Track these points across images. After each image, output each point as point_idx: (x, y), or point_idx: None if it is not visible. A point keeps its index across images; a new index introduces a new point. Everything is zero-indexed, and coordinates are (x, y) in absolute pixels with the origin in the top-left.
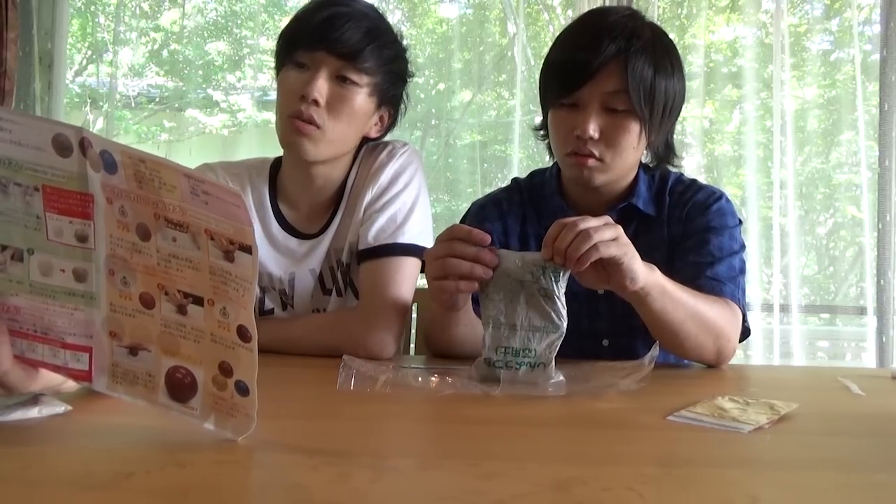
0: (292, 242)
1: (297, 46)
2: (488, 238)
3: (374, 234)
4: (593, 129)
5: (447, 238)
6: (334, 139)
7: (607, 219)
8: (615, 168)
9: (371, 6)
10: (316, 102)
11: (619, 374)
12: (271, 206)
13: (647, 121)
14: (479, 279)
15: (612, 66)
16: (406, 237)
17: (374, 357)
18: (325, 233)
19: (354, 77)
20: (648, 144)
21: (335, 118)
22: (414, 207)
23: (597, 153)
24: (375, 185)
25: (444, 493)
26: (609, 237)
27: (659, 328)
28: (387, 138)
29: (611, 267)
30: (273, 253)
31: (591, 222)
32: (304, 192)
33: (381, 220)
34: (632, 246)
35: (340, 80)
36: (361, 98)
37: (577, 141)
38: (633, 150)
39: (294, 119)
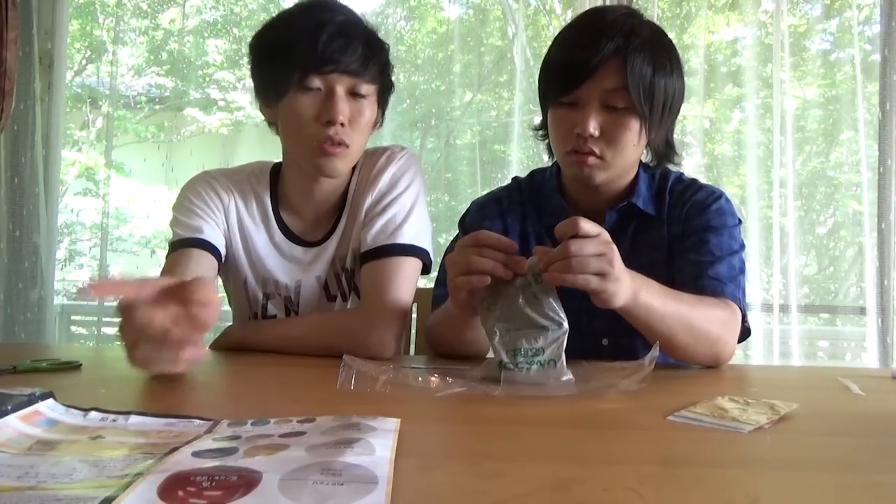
0: (297, 251)
1: (305, 70)
2: (516, 247)
3: (373, 235)
4: (593, 128)
5: (473, 243)
6: (356, 152)
7: (607, 249)
8: (616, 166)
9: (351, 10)
10: (342, 124)
11: (620, 374)
12: (274, 214)
13: (647, 118)
14: (499, 277)
15: (611, 64)
16: (405, 238)
17: (375, 356)
18: (330, 239)
19: (364, 90)
20: (648, 143)
21: (357, 132)
22: (413, 209)
23: (597, 151)
24: (375, 190)
25: (444, 493)
26: (593, 270)
27: (648, 337)
28: (386, 143)
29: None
30: (280, 261)
31: (586, 248)
32: (310, 201)
33: (381, 222)
34: (619, 282)
35: (353, 95)
36: (370, 107)
37: (577, 139)
38: (633, 147)
39: (324, 144)
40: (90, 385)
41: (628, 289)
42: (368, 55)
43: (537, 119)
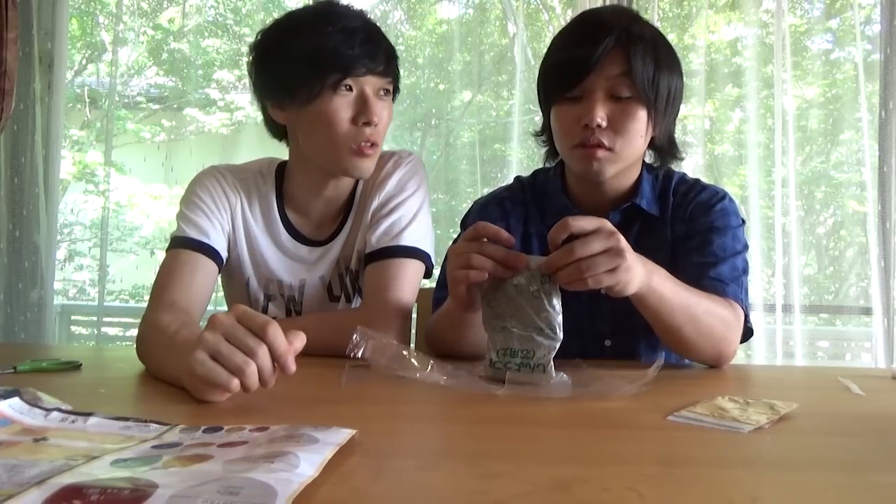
0: (303, 250)
1: (343, 74)
2: (513, 240)
3: (377, 237)
4: (601, 118)
5: (474, 237)
6: (380, 152)
7: (613, 241)
8: (624, 157)
9: (362, 12)
10: (376, 125)
11: (622, 381)
12: (279, 213)
13: (652, 105)
14: (499, 277)
15: (613, 55)
16: (408, 240)
17: None
18: (335, 240)
19: (389, 88)
20: (653, 138)
21: (383, 132)
22: (417, 214)
23: (606, 142)
24: (382, 193)
25: (444, 493)
26: (605, 268)
27: (656, 328)
28: (385, 144)
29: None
30: (284, 260)
31: (591, 246)
32: (317, 201)
33: (385, 224)
34: (631, 270)
35: (378, 96)
36: (391, 108)
37: (583, 131)
38: (640, 138)
39: (362, 146)
40: (90, 385)
41: (642, 274)
42: (391, 56)
43: (538, 118)
